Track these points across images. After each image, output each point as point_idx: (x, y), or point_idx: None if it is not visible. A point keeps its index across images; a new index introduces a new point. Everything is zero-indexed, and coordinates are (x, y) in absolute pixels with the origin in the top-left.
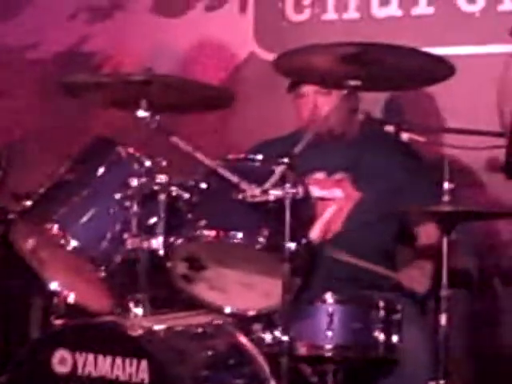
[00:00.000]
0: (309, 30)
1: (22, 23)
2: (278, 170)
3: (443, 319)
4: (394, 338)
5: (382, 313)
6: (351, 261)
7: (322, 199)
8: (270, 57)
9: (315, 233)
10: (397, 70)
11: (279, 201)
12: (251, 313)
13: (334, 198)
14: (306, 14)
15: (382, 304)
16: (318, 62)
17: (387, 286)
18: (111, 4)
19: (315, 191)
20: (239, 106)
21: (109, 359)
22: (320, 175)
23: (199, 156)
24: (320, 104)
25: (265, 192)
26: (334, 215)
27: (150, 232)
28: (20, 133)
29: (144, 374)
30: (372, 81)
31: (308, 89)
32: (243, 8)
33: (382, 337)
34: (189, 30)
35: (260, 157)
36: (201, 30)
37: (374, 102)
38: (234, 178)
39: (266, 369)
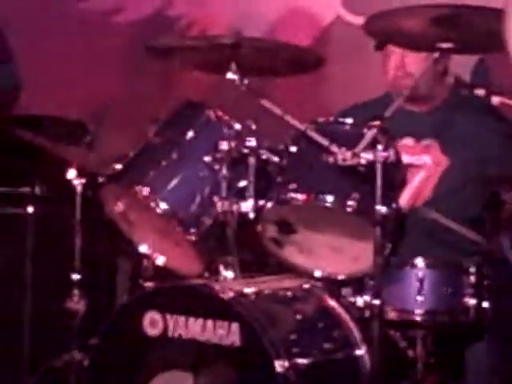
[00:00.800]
0: None
1: None
2: (369, 133)
3: None
4: (485, 304)
5: (472, 278)
6: (445, 223)
7: (411, 166)
8: (357, 20)
9: (404, 200)
10: (488, 32)
11: (370, 164)
12: (341, 277)
13: (422, 165)
14: None
15: (472, 269)
16: (408, 25)
17: (478, 252)
18: None
19: (404, 158)
20: (328, 69)
21: (200, 321)
22: (408, 141)
23: (289, 119)
24: (408, 61)
25: (356, 155)
26: (422, 182)
27: (240, 195)
28: (107, 97)
29: (235, 337)
30: (463, 43)
31: (397, 48)
32: None
33: (472, 302)
34: None
35: (350, 120)
36: None
37: (462, 65)
38: (324, 141)
39: (356, 333)
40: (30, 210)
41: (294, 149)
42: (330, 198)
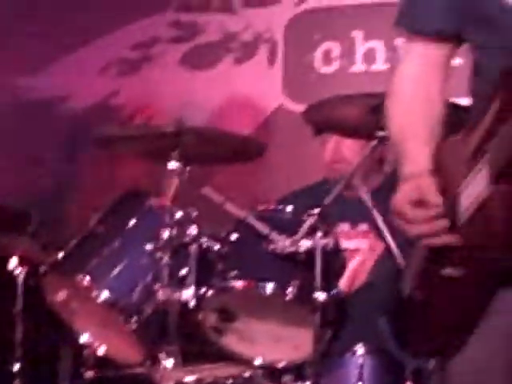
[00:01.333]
0: (337, 81)
1: (52, 76)
2: (309, 220)
3: None
4: None
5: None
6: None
7: (347, 250)
8: (299, 108)
9: (341, 284)
10: None
11: (310, 252)
12: (281, 364)
13: (358, 250)
14: (334, 66)
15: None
16: (346, 113)
17: None
18: (141, 57)
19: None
20: (269, 156)
21: None
22: (344, 226)
23: (230, 207)
24: (344, 147)
25: (295, 243)
26: (358, 267)
27: (181, 283)
28: (50, 187)
29: None
30: None
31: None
32: (272, 60)
33: None
34: (218, 82)
35: (290, 207)
36: (230, 83)
37: None
38: (265, 229)
39: None
40: None
41: (234, 236)
42: (270, 286)
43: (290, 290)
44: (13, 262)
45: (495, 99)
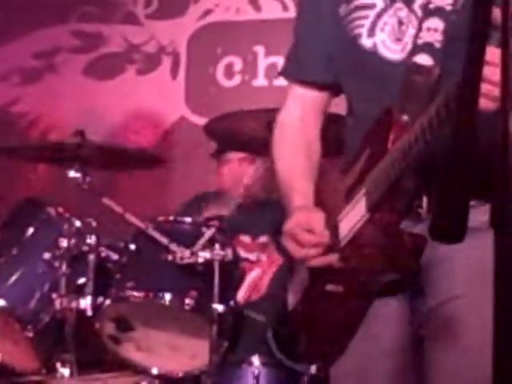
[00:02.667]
0: (239, 95)
1: None
2: (208, 232)
3: None
4: None
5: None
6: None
7: (247, 261)
8: (201, 121)
9: (240, 295)
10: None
11: (208, 263)
12: (178, 374)
13: (258, 262)
14: (236, 80)
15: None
16: (246, 128)
17: None
18: (43, 66)
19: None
20: (170, 168)
21: None
22: (245, 238)
23: (129, 217)
24: (243, 172)
25: (194, 254)
26: (258, 278)
27: (79, 292)
28: None
29: None
30: None
31: (233, 156)
32: (175, 72)
33: None
34: (121, 93)
35: (189, 219)
36: (133, 94)
37: None
38: (164, 240)
39: None
40: None
41: (133, 247)
42: (167, 296)
43: (188, 300)
44: None
45: (368, 142)
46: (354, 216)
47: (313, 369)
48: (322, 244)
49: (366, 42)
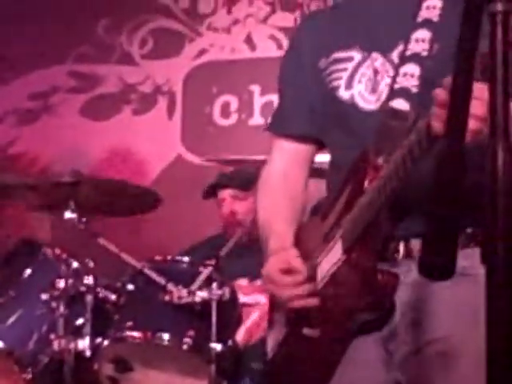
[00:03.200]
0: (235, 134)
1: None
2: (205, 271)
3: None
4: None
5: None
6: None
7: (245, 305)
8: (197, 160)
9: (239, 338)
10: None
11: (206, 302)
12: None
13: (257, 304)
14: (232, 119)
15: None
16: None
17: None
18: (39, 107)
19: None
20: (166, 207)
21: None
22: (243, 281)
23: (126, 257)
24: (236, 209)
25: (191, 293)
26: (257, 321)
27: (77, 333)
28: None
29: None
30: None
31: (225, 194)
32: (171, 112)
33: None
34: (116, 132)
35: (186, 258)
36: (128, 133)
37: None
38: (161, 280)
39: None
40: None
41: (131, 287)
42: (166, 336)
43: (186, 340)
44: None
45: (346, 185)
46: (331, 258)
47: None
48: (301, 283)
49: (344, 93)
